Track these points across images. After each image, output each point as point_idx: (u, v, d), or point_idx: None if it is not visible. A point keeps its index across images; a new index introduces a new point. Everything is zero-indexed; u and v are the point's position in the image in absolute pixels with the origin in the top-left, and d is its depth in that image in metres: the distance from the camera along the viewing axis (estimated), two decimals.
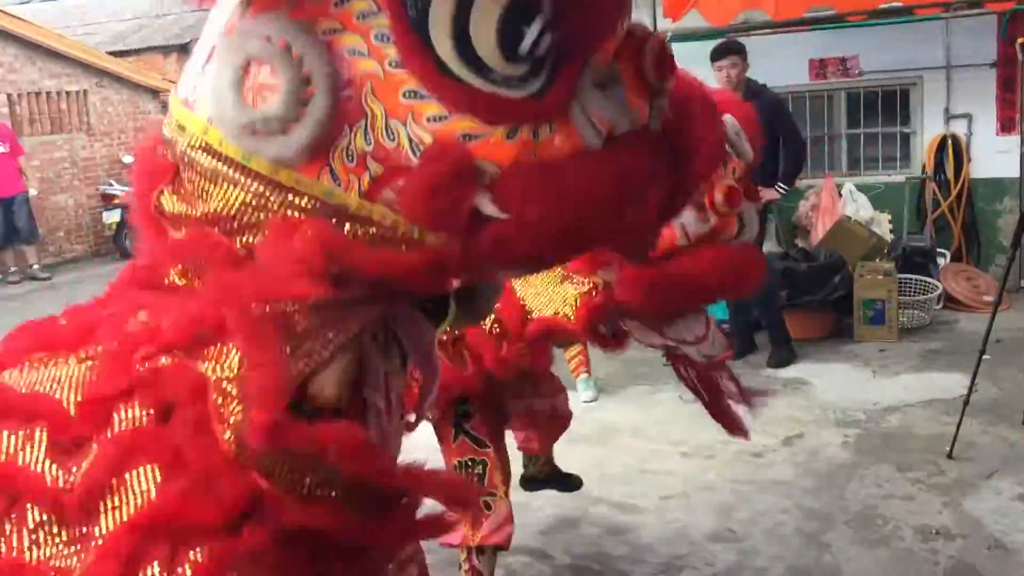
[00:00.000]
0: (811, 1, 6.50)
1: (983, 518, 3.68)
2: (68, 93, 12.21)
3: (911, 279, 6.39)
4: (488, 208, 1.36)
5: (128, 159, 12.52)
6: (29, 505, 1.40)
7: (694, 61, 6.37)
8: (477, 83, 1.34)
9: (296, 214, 1.38)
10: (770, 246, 6.63)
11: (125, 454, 1.38)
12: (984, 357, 4.38)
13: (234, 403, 1.33)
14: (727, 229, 2.38)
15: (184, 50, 13.91)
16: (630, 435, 4.70)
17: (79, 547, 1.36)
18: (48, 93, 11.96)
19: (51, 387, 1.56)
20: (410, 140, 1.34)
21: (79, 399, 1.51)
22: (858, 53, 7.16)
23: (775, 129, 5.63)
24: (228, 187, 1.41)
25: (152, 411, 1.40)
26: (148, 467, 1.36)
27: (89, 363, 1.60)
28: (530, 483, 3.66)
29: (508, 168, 1.37)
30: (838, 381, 5.39)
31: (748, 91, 5.65)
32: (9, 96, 11.40)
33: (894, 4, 6.46)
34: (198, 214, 1.44)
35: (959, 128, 7.04)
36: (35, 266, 10.77)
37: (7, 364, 1.68)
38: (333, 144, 1.35)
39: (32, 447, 1.46)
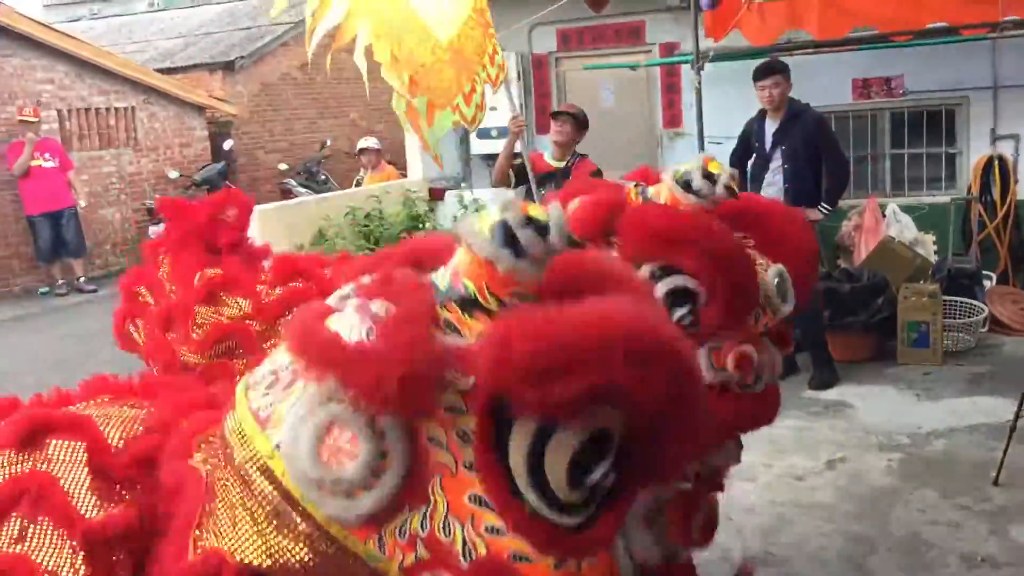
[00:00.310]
0: (855, 21, 6.48)
1: None
2: (116, 109, 12.46)
3: (956, 301, 6.31)
4: None
5: (174, 174, 12.74)
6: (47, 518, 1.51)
7: (736, 81, 6.41)
8: (539, 506, 1.36)
9: (332, 566, 1.40)
10: None
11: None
12: None
13: None
14: (743, 378, 2.24)
15: (230, 68, 14.14)
16: None
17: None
18: (97, 109, 12.21)
19: (100, 420, 1.65)
20: (464, 543, 1.37)
21: (121, 436, 1.61)
22: (903, 73, 7.12)
23: (818, 148, 5.62)
24: (276, 521, 1.42)
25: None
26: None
27: (136, 410, 1.70)
28: None
29: None
30: (881, 404, 5.32)
31: (791, 110, 5.64)
32: (59, 112, 11.66)
33: (940, 24, 6.41)
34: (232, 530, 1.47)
35: (1006, 149, 6.96)
36: (82, 279, 10.97)
37: (73, 401, 1.81)
38: (390, 519, 1.38)
39: (75, 463, 1.55)
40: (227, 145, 13.71)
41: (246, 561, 1.43)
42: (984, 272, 6.80)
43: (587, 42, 8.18)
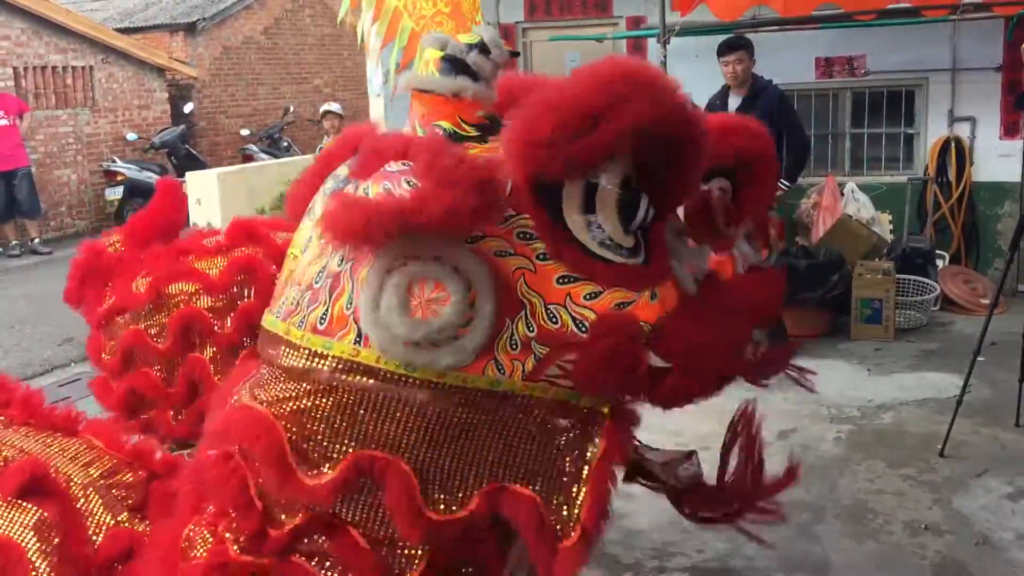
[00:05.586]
0: None
1: (972, 515, 3.72)
2: (74, 68, 12.20)
3: (909, 280, 6.42)
4: (656, 362, 1.54)
5: (132, 137, 12.52)
6: None
7: (701, 55, 6.43)
8: (616, 259, 1.49)
9: (460, 412, 1.47)
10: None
11: None
12: (979, 359, 4.41)
13: None
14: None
15: (191, 29, 13.90)
16: None
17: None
18: (54, 68, 11.95)
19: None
20: (573, 319, 1.47)
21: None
22: (865, 53, 7.17)
23: (779, 124, 5.66)
24: (384, 408, 1.46)
25: None
26: None
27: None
28: None
29: (660, 324, 1.55)
30: (834, 378, 5.40)
31: (753, 86, 5.68)
32: (15, 70, 11.40)
33: (902, 4, 6.47)
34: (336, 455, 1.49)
35: (963, 131, 7.06)
36: (36, 240, 10.79)
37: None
38: (498, 338, 1.45)
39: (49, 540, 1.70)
40: (187, 108, 13.49)
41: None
42: (938, 252, 6.93)
43: (554, 12, 8.15)
